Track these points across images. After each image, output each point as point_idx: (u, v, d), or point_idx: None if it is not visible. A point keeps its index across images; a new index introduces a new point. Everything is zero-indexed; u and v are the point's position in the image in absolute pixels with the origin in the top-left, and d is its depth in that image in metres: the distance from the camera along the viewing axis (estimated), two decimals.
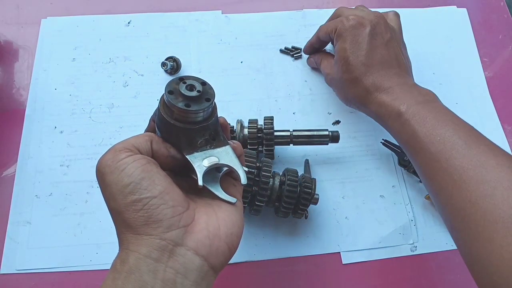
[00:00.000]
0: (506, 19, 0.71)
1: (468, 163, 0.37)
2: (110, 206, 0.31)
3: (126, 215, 0.30)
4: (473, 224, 0.35)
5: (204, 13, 0.68)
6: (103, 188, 0.31)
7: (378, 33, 0.50)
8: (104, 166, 0.31)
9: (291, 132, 0.54)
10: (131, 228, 0.30)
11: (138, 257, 0.29)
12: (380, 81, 0.48)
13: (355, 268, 0.52)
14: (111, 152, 0.32)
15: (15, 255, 0.50)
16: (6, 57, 0.63)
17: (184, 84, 0.33)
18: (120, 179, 0.30)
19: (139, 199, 0.30)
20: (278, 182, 0.48)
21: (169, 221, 0.30)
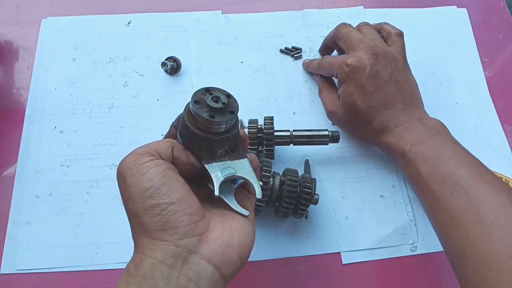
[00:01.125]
0: (506, 19, 0.71)
1: (467, 202, 0.39)
2: (128, 208, 0.31)
3: (143, 219, 0.30)
4: (470, 262, 0.36)
5: (204, 13, 0.68)
6: (123, 190, 0.32)
7: (378, 71, 0.49)
8: (125, 168, 0.31)
9: (291, 132, 0.54)
10: (147, 232, 0.30)
11: (153, 262, 0.29)
12: (387, 122, 0.49)
13: (355, 268, 0.52)
14: (133, 155, 0.32)
15: (15, 255, 0.50)
16: (6, 57, 0.63)
17: (210, 95, 0.34)
18: (140, 182, 0.30)
19: (158, 204, 0.30)
20: (278, 182, 0.48)
21: (185, 228, 0.30)
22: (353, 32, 0.53)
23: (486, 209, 0.37)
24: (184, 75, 0.63)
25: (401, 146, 0.47)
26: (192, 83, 0.62)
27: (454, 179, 0.41)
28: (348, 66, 0.50)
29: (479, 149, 0.59)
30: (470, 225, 0.37)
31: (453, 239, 0.39)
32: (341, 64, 0.51)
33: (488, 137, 0.61)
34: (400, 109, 0.49)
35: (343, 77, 0.51)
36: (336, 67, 0.51)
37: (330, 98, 0.56)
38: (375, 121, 0.50)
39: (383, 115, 0.49)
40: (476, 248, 0.36)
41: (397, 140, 0.48)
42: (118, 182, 0.32)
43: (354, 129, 0.53)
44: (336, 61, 0.52)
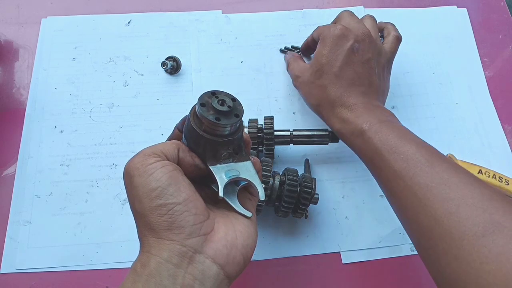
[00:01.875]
0: (506, 19, 0.71)
1: (431, 181, 0.38)
2: (135, 208, 0.32)
3: (150, 218, 0.30)
4: (439, 241, 0.35)
5: (204, 13, 0.68)
6: (130, 190, 0.32)
7: (359, 49, 0.49)
8: (133, 168, 0.32)
9: (291, 131, 0.54)
10: (154, 232, 0.31)
11: (159, 261, 0.29)
12: (345, 97, 0.48)
13: (355, 268, 0.52)
14: (140, 155, 0.32)
15: (15, 254, 0.50)
16: (6, 57, 0.63)
17: (216, 98, 0.34)
18: (148, 182, 0.31)
19: (165, 204, 0.31)
20: (278, 182, 0.48)
21: (191, 228, 0.31)
22: (355, 20, 0.52)
23: (452, 187, 0.36)
24: (184, 75, 0.63)
25: (359, 123, 0.45)
26: (192, 82, 0.62)
27: (416, 158, 0.39)
28: (336, 30, 0.49)
29: (479, 149, 0.59)
30: (438, 204, 0.36)
31: (420, 220, 0.37)
32: (331, 26, 0.50)
33: (488, 137, 0.61)
34: (362, 91, 0.48)
35: (325, 37, 0.50)
36: (326, 27, 0.51)
37: (298, 65, 0.55)
38: (334, 91, 0.48)
39: (344, 89, 0.48)
40: (445, 227, 0.35)
41: (355, 117, 0.46)
42: (125, 182, 0.33)
43: (314, 94, 0.51)
44: (327, 25, 0.52)
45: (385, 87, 0.53)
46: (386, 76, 0.53)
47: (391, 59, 0.53)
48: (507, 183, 0.54)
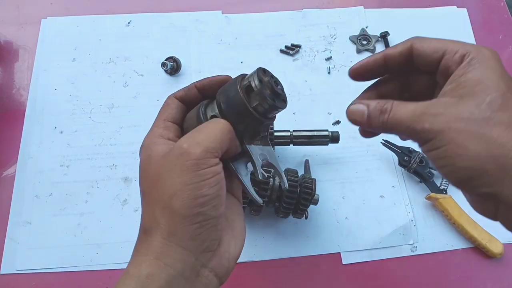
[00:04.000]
0: (506, 19, 0.71)
1: None
2: (169, 202, 0.28)
3: (183, 222, 0.28)
4: None
5: (204, 13, 0.68)
6: (173, 179, 0.28)
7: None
8: (193, 163, 0.28)
9: (291, 132, 0.54)
10: (175, 236, 0.28)
11: (172, 274, 0.28)
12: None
13: (355, 268, 0.52)
14: (204, 149, 0.29)
15: (15, 255, 0.50)
16: (6, 57, 0.63)
17: (272, 78, 0.32)
18: (200, 186, 0.28)
19: (203, 214, 0.29)
20: (278, 182, 0.48)
21: (210, 243, 0.30)
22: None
23: None
24: (184, 75, 0.63)
25: None
26: None
27: None
28: (487, 50, 0.31)
29: None
30: None
31: None
32: (475, 46, 0.32)
33: None
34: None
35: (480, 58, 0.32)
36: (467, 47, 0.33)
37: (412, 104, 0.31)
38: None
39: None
40: None
41: None
42: (171, 163, 0.29)
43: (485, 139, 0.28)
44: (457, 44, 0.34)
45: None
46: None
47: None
48: None
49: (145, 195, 0.31)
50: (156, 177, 0.30)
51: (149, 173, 0.31)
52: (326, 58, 0.65)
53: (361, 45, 0.66)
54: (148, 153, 0.31)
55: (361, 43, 0.66)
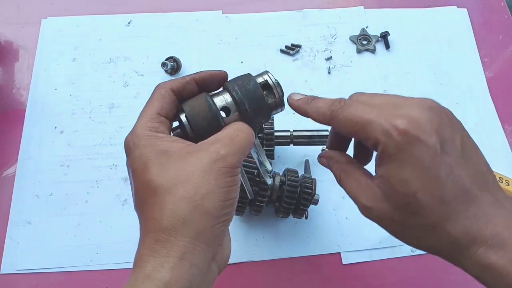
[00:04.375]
0: (506, 19, 0.71)
1: None
2: (202, 203, 0.28)
3: (213, 222, 0.29)
4: None
5: (204, 13, 0.68)
6: (207, 180, 0.29)
7: (446, 140, 0.29)
8: (228, 170, 0.29)
9: (291, 132, 0.54)
10: (203, 236, 0.28)
11: (194, 274, 0.28)
12: (476, 227, 0.28)
13: (355, 268, 0.52)
14: (238, 161, 0.30)
15: (15, 255, 0.50)
16: (7, 57, 0.63)
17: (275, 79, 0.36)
18: (230, 190, 0.30)
19: (228, 214, 0.30)
20: (278, 182, 0.48)
21: (224, 239, 0.31)
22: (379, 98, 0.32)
23: None
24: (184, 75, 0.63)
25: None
26: None
27: None
28: (399, 132, 0.28)
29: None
30: None
31: None
32: (387, 127, 0.29)
33: (488, 137, 0.61)
34: (490, 202, 0.29)
35: (390, 151, 0.29)
36: (377, 131, 0.29)
37: (358, 185, 0.34)
38: (453, 226, 0.29)
39: (466, 214, 0.29)
40: None
41: (508, 262, 0.27)
42: (206, 165, 0.29)
43: (415, 238, 0.32)
44: (374, 119, 0.30)
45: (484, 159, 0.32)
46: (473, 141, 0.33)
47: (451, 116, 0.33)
48: (508, 184, 0.54)
49: (159, 188, 0.29)
50: (181, 174, 0.29)
51: (169, 167, 0.29)
52: (326, 58, 0.65)
53: (361, 45, 0.66)
54: (159, 148, 0.30)
55: (361, 43, 0.66)
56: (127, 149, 0.32)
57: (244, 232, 0.53)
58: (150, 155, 0.30)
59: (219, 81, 0.36)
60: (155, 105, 0.33)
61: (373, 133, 0.29)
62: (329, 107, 0.32)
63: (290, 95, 0.36)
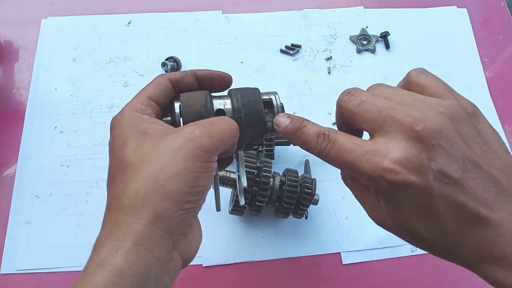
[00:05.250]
0: (506, 19, 0.71)
1: None
2: (165, 184, 0.27)
3: (174, 207, 0.27)
4: None
5: (204, 13, 0.68)
6: (176, 161, 0.27)
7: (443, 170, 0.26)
8: (199, 153, 0.28)
9: None
10: (161, 220, 0.27)
11: (151, 261, 0.26)
12: (484, 248, 0.27)
13: (355, 268, 0.52)
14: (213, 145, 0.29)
15: (15, 255, 0.50)
16: (7, 57, 0.63)
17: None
18: (200, 176, 0.28)
19: (194, 201, 0.28)
20: (278, 182, 0.48)
21: (186, 228, 0.29)
22: (368, 102, 0.29)
23: None
24: None
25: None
26: None
27: None
28: (387, 181, 0.26)
29: None
30: None
31: None
32: (372, 174, 0.27)
33: None
34: (499, 219, 0.27)
35: (384, 195, 0.28)
36: (363, 176, 0.28)
37: (366, 200, 0.32)
38: (458, 252, 0.28)
39: (471, 241, 0.27)
40: None
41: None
42: (177, 145, 0.28)
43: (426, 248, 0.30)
44: (358, 164, 0.27)
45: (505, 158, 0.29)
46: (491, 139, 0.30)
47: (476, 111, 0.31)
48: None
49: (129, 166, 0.28)
50: (152, 153, 0.28)
51: (143, 146, 0.29)
52: (326, 58, 0.65)
53: (361, 45, 0.66)
54: (139, 129, 0.30)
55: (361, 43, 0.66)
56: (111, 127, 0.32)
57: (244, 232, 0.53)
58: (130, 134, 0.30)
59: (220, 82, 0.36)
60: (148, 90, 0.33)
61: (360, 177, 0.28)
62: (314, 145, 0.30)
63: (276, 118, 0.33)
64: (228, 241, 0.52)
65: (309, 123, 0.31)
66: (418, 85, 0.32)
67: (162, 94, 0.33)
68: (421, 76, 0.32)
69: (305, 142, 0.31)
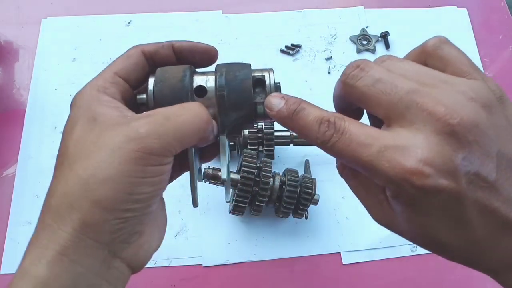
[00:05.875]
0: (506, 20, 0.71)
1: None
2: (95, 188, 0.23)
3: (105, 216, 0.23)
4: None
5: (204, 13, 0.68)
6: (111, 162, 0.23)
7: (479, 172, 0.22)
8: (141, 156, 0.23)
9: (291, 132, 0.54)
10: (90, 229, 0.23)
11: (79, 272, 0.23)
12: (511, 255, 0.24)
13: (355, 268, 0.52)
14: (162, 146, 0.24)
15: (16, 255, 0.50)
16: (7, 57, 0.63)
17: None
18: (140, 182, 0.24)
19: (133, 210, 0.24)
20: (279, 182, 0.48)
21: (129, 237, 0.25)
22: (385, 81, 0.24)
23: None
24: None
25: None
26: None
27: None
28: (412, 182, 0.22)
29: None
30: None
31: None
32: (394, 177, 0.22)
33: None
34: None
35: (406, 201, 0.23)
36: (382, 179, 0.23)
37: (372, 200, 0.28)
38: (484, 261, 0.25)
39: (501, 248, 0.24)
40: None
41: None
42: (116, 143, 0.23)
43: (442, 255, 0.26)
44: (375, 164, 0.23)
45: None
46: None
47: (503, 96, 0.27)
48: None
49: (67, 160, 0.24)
50: (90, 149, 0.24)
51: (86, 138, 0.24)
52: (326, 58, 0.65)
53: (361, 45, 0.66)
54: (91, 113, 0.25)
55: (361, 43, 0.66)
56: (70, 107, 0.28)
57: (244, 232, 0.53)
58: (80, 119, 0.26)
59: (202, 56, 0.31)
60: (116, 64, 0.28)
61: (377, 177, 0.23)
62: (315, 135, 0.25)
63: (268, 99, 0.27)
64: (228, 241, 0.52)
65: (309, 105, 0.26)
66: (439, 59, 0.27)
67: (133, 68, 0.28)
68: (444, 48, 0.27)
69: (303, 130, 0.25)
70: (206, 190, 0.53)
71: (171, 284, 0.50)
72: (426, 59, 0.27)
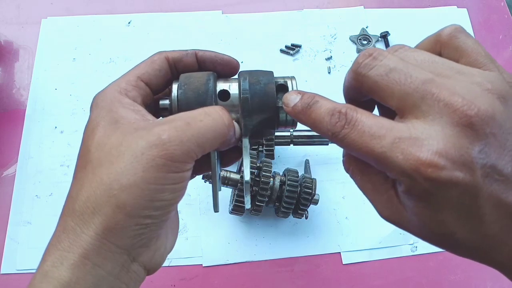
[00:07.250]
0: (506, 19, 0.71)
1: None
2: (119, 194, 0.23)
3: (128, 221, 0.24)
4: None
5: (204, 13, 0.68)
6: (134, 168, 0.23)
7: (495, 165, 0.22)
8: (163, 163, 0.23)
9: (291, 132, 0.54)
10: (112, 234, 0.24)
11: (101, 275, 0.24)
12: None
13: (355, 268, 0.52)
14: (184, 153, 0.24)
15: (16, 255, 0.50)
16: (7, 57, 0.63)
17: None
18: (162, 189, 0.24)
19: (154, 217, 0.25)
20: (279, 182, 0.48)
21: (147, 242, 0.26)
22: (399, 71, 0.23)
23: None
24: None
25: None
26: None
27: None
28: (426, 175, 0.21)
29: None
30: None
31: None
32: (407, 169, 0.21)
33: None
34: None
35: (419, 194, 0.22)
36: (394, 170, 0.22)
37: (380, 195, 0.27)
38: (495, 256, 0.25)
39: (511, 242, 0.23)
40: None
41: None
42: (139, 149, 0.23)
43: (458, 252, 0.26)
44: (387, 155, 0.22)
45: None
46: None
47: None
48: None
49: (89, 164, 0.25)
50: (113, 153, 0.24)
51: (108, 141, 0.24)
52: (326, 58, 0.65)
53: (361, 45, 0.66)
54: (113, 115, 0.25)
55: (361, 43, 0.66)
56: (91, 107, 0.28)
57: (244, 232, 0.53)
58: (102, 121, 0.26)
59: (223, 67, 0.31)
60: (139, 68, 0.29)
61: (390, 170, 0.22)
62: (326, 126, 0.24)
63: (285, 96, 0.27)
64: (228, 241, 0.52)
65: (322, 98, 0.25)
66: (454, 49, 0.26)
67: (156, 74, 0.29)
68: (460, 37, 0.26)
69: (315, 123, 0.25)
70: (206, 190, 0.53)
71: (171, 284, 0.50)
72: (441, 48, 0.27)
